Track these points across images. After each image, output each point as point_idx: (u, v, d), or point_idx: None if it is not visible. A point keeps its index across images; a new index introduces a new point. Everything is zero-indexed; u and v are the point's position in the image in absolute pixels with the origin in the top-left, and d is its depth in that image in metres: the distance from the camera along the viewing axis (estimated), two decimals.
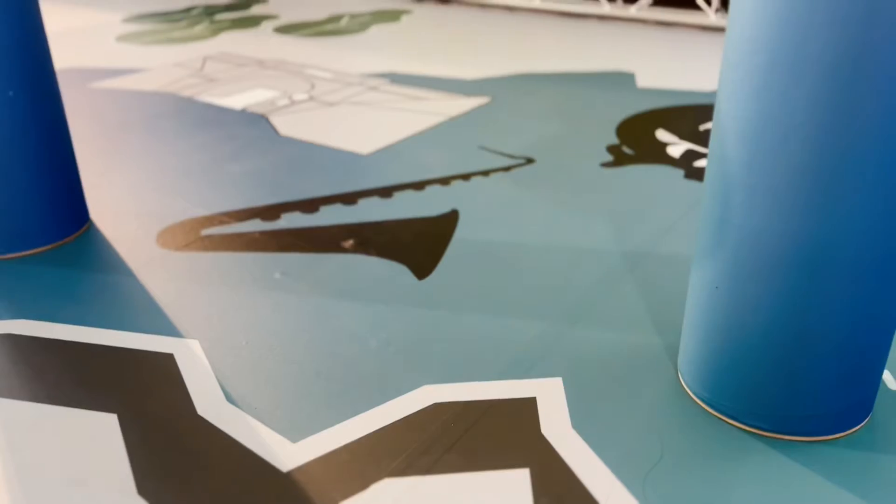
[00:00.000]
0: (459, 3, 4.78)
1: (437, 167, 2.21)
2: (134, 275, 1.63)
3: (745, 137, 1.07)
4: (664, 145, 2.36)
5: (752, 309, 1.13)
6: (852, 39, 0.96)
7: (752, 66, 1.04)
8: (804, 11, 0.97)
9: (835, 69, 0.98)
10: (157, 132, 2.53)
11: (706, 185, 1.17)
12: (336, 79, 3.16)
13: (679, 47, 3.65)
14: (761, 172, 1.06)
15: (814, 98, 1.00)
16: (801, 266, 1.08)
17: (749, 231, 1.10)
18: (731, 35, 1.08)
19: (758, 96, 1.05)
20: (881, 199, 1.04)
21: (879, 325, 1.14)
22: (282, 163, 2.25)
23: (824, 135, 1.01)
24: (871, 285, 1.10)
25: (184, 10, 4.71)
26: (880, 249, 1.08)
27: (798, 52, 0.99)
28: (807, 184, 1.03)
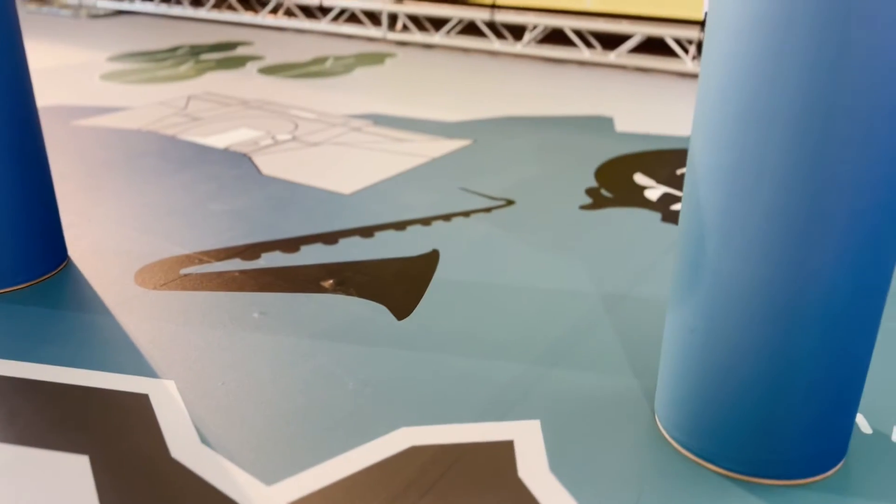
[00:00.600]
0: (442, 47, 4.87)
1: (419, 207, 2.23)
2: (110, 313, 1.62)
3: (718, 183, 1.10)
4: (642, 189, 2.40)
5: (727, 353, 1.14)
6: (821, 89, 0.99)
7: (724, 115, 1.07)
8: (773, 61, 1.00)
9: (804, 118, 1.00)
10: (138, 170, 2.54)
11: (681, 230, 1.20)
12: (319, 119, 3.19)
13: (657, 93, 3.73)
14: (734, 217, 1.09)
15: (784, 146, 1.03)
16: (775, 310, 1.10)
17: (723, 275, 1.12)
18: (704, 84, 1.11)
19: (729, 144, 1.07)
20: (851, 243, 1.06)
21: (852, 368, 1.15)
22: (263, 202, 2.26)
23: (795, 181, 1.04)
24: (843, 329, 1.11)
25: (169, 50, 4.75)
26: (851, 293, 1.10)
27: (768, 101, 1.02)
28: (779, 229, 1.06)
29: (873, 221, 1.07)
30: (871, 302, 1.12)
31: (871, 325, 1.14)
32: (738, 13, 1.01)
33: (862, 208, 1.05)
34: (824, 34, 0.96)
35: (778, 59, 0.99)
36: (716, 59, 1.07)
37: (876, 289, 1.12)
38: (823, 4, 0.94)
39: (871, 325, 1.14)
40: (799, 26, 0.96)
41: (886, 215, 1.07)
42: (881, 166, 1.03)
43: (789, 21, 0.97)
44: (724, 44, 1.05)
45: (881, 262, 1.11)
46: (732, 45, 1.03)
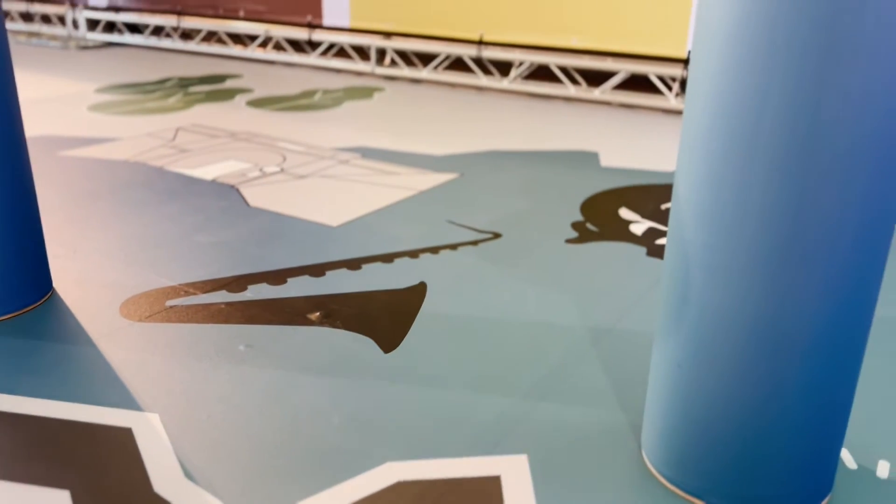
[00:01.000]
0: (430, 82, 4.92)
1: (407, 240, 2.24)
2: (95, 345, 1.61)
3: (702, 219, 1.12)
4: (627, 223, 2.43)
5: (713, 388, 1.15)
6: (801, 128, 1.01)
7: (707, 153, 1.09)
8: (756, 101, 1.03)
9: (785, 156, 1.03)
10: (125, 201, 2.53)
11: (666, 265, 1.21)
12: (308, 152, 3.21)
13: (641, 128, 3.78)
14: (718, 254, 1.10)
15: (766, 183, 1.05)
16: (760, 346, 1.11)
17: (708, 311, 1.13)
18: (687, 122, 1.13)
19: (713, 181, 1.09)
20: (834, 278, 1.08)
21: (836, 403, 1.16)
22: (250, 234, 2.26)
23: (777, 218, 1.06)
24: (827, 364, 1.12)
25: (158, 82, 4.78)
26: (835, 329, 1.11)
27: (751, 140, 1.04)
28: (763, 265, 1.07)
29: (855, 257, 1.09)
30: (854, 337, 1.14)
31: (854, 360, 1.16)
32: (721, 54, 1.04)
33: (844, 244, 1.07)
34: (804, 75, 0.98)
35: (759, 98, 1.02)
36: (699, 97, 1.09)
37: (858, 324, 1.13)
38: (803, 47, 0.97)
39: (854, 359, 1.16)
40: (780, 67, 0.99)
41: (868, 251, 1.09)
42: (862, 203, 1.05)
43: (771, 62, 1.00)
44: (708, 83, 1.07)
45: (863, 297, 1.13)
46: (715, 84, 1.06)
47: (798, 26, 0.96)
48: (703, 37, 1.08)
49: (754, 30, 0.99)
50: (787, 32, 0.97)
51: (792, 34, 0.97)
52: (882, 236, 1.10)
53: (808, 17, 0.95)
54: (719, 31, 1.04)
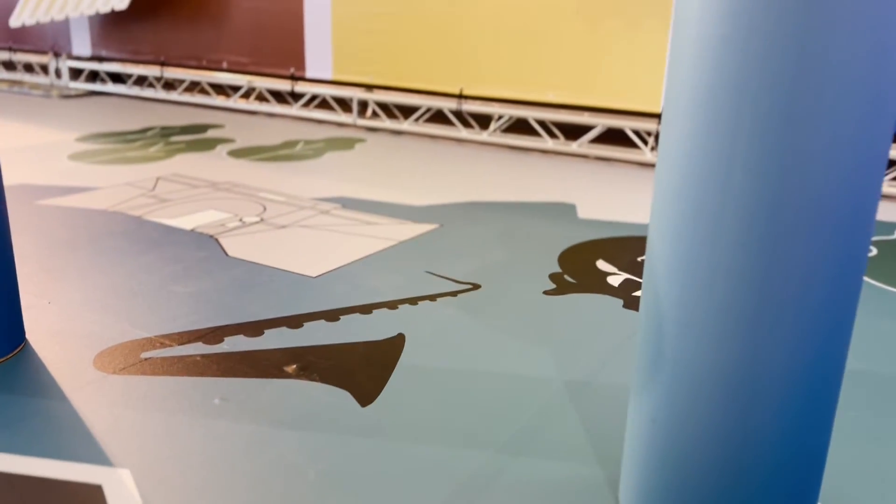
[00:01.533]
0: (411, 133, 4.99)
1: (385, 291, 2.24)
2: (67, 399, 1.58)
3: (675, 275, 1.14)
4: (604, 275, 2.45)
5: (689, 442, 1.15)
6: (769, 188, 1.04)
7: (679, 210, 1.11)
8: (723, 162, 1.06)
9: (754, 215, 1.05)
10: (103, 251, 2.52)
11: (641, 319, 1.22)
12: (288, 202, 3.22)
13: (618, 181, 3.85)
14: (691, 309, 1.12)
15: (737, 242, 1.07)
16: (734, 400, 1.12)
17: (682, 365, 1.15)
18: (659, 179, 1.16)
19: (684, 237, 1.12)
20: (805, 333, 1.10)
21: (811, 455, 1.17)
22: (228, 284, 2.25)
23: (747, 274, 1.08)
24: (802, 417, 1.14)
25: (140, 131, 4.80)
26: (807, 382, 1.12)
27: (720, 198, 1.07)
28: (734, 321, 1.09)
29: (825, 311, 1.11)
30: (826, 389, 1.15)
31: (827, 413, 1.17)
32: (690, 116, 1.08)
33: (814, 299, 1.09)
34: (769, 138, 1.02)
35: (727, 159, 1.05)
36: (670, 156, 1.13)
37: (831, 376, 1.15)
38: (768, 110, 1.01)
39: (827, 412, 1.17)
40: (746, 130, 1.02)
41: (838, 304, 1.12)
42: (829, 258, 1.08)
43: (737, 125, 1.03)
44: (677, 143, 1.10)
45: (834, 349, 1.15)
46: (685, 144, 1.09)
47: (763, 91, 1.00)
48: (672, 99, 1.11)
49: (721, 94, 1.03)
50: (752, 97, 1.01)
51: (757, 99, 1.00)
52: (850, 289, 1.12)
53: (773, 84, 0.99)
54: (688, 95, 1.08)
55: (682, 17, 1.08)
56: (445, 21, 4.53)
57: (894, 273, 2.49)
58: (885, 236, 2.93)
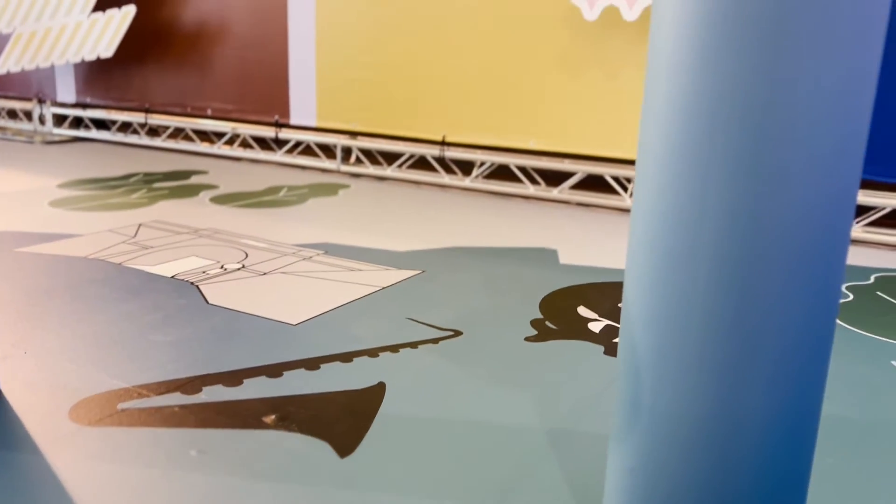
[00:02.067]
0: (395, 180, 5.03)
1: (367, 338, 2.24)
2: (41, 452, 1.55)
3: (650, 323, 1.15)
4: (586, 321, 2.46)
5: (666, 492, 1.15)
6: (740, 237, 1.06)
7: (652, 260, 1.13)
8: (695, 211, 1.08)
9: (726, 263, 1.07)
10: (81, 300, 2.50)
11: (619, 367, 1.23)
12: (270, 248, 3.22)
13: (598, 227, 3.89)
14: (667, 358, 1.13)
15: (710, 290, 1.09)
16: (710, 449, 1.13)
17: (659, 414, 1.15)
18: (633, 229, 1.18)
19: (658, 285, 1.13)
20: (780, 381, 1.11)
21: (789, 503, 1.17)
22: (208, 333, 2.24)
23: (722, 323, 1.09)
24: (778, 467, 1.14)
25: (122, 177, 4.81)
26: (783, 432, 1.13)
27: (692, 247, 1.09)
28: (710, 370, 1.10)
29: (800, 357, 1.12)
30: (803, 437, 1.16)
31: (805, 460, 1.17)
32: (662, 166, 1.10)
33: (788, 345, 1.10)
34: (739, 188, 1.04)
35: (698, 208, 1.07)
36: (643, 206, 1.15)
37: (807, 425, 1.16)
38: (736, 162, 1.04)
39: (805, 459, 1.17)
40: (715, 181, 1.05)
41: (812, 350, 1.13)
42: (802, 303, 1.10)
43: (707, 174, 1.06)
44: (650, 193, 1.13)
45: (810, 396, 1.16)
46: (657, 195, 1.11)
47: (731, 144, 1.03)
48: (644, 151, 1.14)
49: (690, 147, 1.06)
50: (721, 150, 1.03)
51: (725, 152, 1.03)
52: (824, 334, 1.14)
53: (741, 137, 1.02)
54: (659, 147, 1.10)
55: (653, 71, 1.11)
56: (428, 69, 4.61)
57: (870, 318, 2.53)
58: (862, 281, 2.98)
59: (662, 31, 1.07)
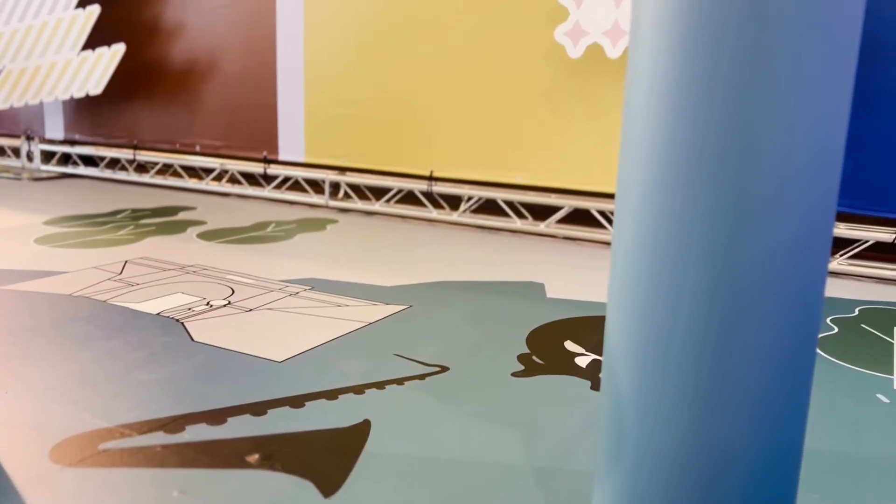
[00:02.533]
0: (383, 214, 5.05)
1: (353, 375, 2.22)
2: (19, 494, 1.53)
3: (633, 360, 1.15)
4: (572, 355, 2.46)
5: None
6: (720, 271, 1.07)
7: (634, 294, 1.14)
8: (673, 248, 1.09)
9: (705, 299, 1.08)
10: (65, 338, 2.48)
11: (602, 404, 1.23)
12: (257, 284, 3.22)
13: (584, 261, 3.91)
14: (650, 394, 1.13)
15: (689, 325, 1.10)
16: (695, 485, 1.12)
17: (643, 451, 1.15)
18: (614, 264, 1.19)
19: (640, 321, 1.14)
20: (762, 418, 1.11)
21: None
22: (192, 371, 2.22)
23: (702, 359, 1.10)
24: (762, 502, 1.14)
25: (110, 214, 4.80)
26: (766, 470, 1.13)
27: (674, 282, 1.10)
28: (691, 405, 1.10)
29: (782, 393, 1.13)
30: (787, 472, 1.16)
31: (789, 498, 1.17)
32: (641, 207, 1.12)
33: (769, 381, 1.11)
34: (718, 222, 1.06)
35: (677, 245, 1.09)
36: (623, 246, 1.16)
37: (790, 461, 1.16)
38: (715, 206, 1.05)
39: (789, 497, 1.17)
40: (695, 222, 1.06)
41: (794, 385, 1.14)
42: (784, 338, 1.10)
43: (686, 216, 1.07)
44: (630, 233, 1.14)
45: (793, 432, 1.16)
46: (637, 234, 1.13)
47: (708, 182, 1.04)
48: (623, 194, 1.16)
49: (668, 182, 1.08)
50: (698, 186, 1.05)
51: (703, 188, 1.05)
52: (804, 367, 1.15)
53: (717, 175, 1.04)
54: (638, 183, 1.12)
55: (629, 113, 1.13)
56: (415, 106, 4.66)
57: (855, 351, 2.54)
58: (847, 314, 3.00)
59: (638, 74, 1.09)
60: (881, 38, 3.30)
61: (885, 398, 2.15)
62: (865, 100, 3.38)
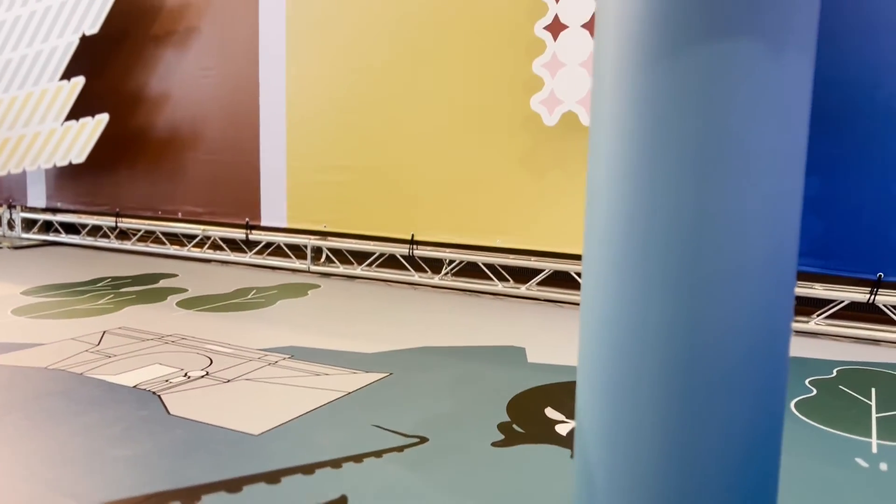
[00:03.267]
0: (365, 279, 5.06)
1: (330, 448, 2.20)
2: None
3: (602, 440, 1.16)
4: (553, 423, 2.45)
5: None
6: (683, 345, 1.09)
7: (601, 367, 1.15)
8: (639, 319, 1.11)
9: (671, 374, 1.10)
10: (39, 413, 2.44)
11: (573, 484, 1.23)
12: (236, 353, 3.19)
13: (566, 324, 3.92)
14: (618, 474, 1.13)
15: (655, 400, 1.11)
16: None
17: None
18: (583, 337, 1.21)
19: (608, 395, 1.15)
20: (731, 487, 1.12)
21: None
22: (168, 446, 2.19)
23: (669, 432, 1.11)
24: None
25: (90, 282, 4.78)
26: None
27: (639, 356, 1.11)
28: (660, 487, 1.10)
29: (751, 465, 1.13)
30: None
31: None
32: (606, 279, 1.14)
33: (736, 454, 1.12)
34: (678, 297, 1.08)
35: (641, 317, 1.10)
36: (589, 312, 1.18)
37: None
38: (677, 277, 1.08)
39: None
40: (657, 298, 1.08)
41: (764, 456, 1.14)
42: (750, 412, 1.12)
43: (647, 293, 1.09)
44: (594, 308, 1.16)
45: (764, 488, 1.16)
46: (602, 310, 1.14)
47: (664, 265, 1.07)
48: (589, 271, 1.18)
49: (629, 268, 1.10)
50: (656, 270, 1.08)
51: (662, 273, 1.07)
52: (771, 445, 1.15)
53: (673, 258, 1.07)
54: (601, 264, 1.14)
55: (591, 193, 1.16)
56: (396, 171, 4.73)
57: (834, 414, 2.55)
58: (825, 375, 3.01)
59: (598, 157, 1.13)
60: (851, 101, 3.41)
61: (864, 463, 2.15)
62: (834, 162, 3.48)
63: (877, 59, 3.33)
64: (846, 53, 3.37)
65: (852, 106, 3.41)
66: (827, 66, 3.34)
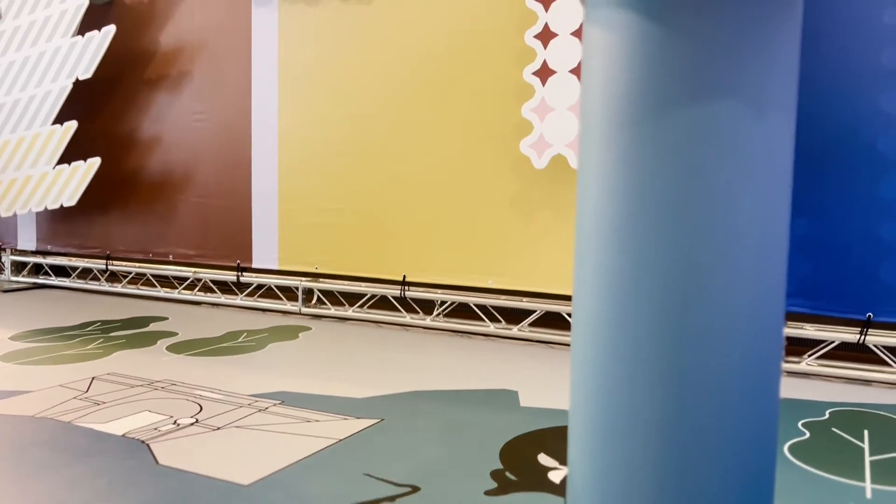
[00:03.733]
0: (356, 320, 5.05)
1: (320, 499, 2.17)
2: None
3: (594, 488, 1.15)
4: (546, 470, 2.43)
5: None
6: (673, 399, 1.09)
7: (593, 423, 1.15)
8: (629, 373, 1.11)
9: (663, 431, 1.09)
10: (23, 466, 2.40)
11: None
12: (225, 400, 3.16)
13: (558, 365, 3.91)
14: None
15: (649, 456, 1.10)
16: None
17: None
18: (574, 389, 1.20)
19: (600, 456, 1.14)
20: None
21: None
22: (155, 498, 2.15)
23: (662, 485, 1.10)
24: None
25: (79, 326, 4.74)
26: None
27: (630, 411, 1.11)
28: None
29: (741, 496, 1.13)
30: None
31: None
32: (595, 337, 1.14)
33: (727, 485, 1.11)
34: (666, 351, 1.08)
35: (630, 369, 1.11)
36: (579, 366, 1.18)
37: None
38: (662, 327, 1.08)
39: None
40: (645, 339, 1.09)
41: (754, 489, 1.14)
42: (739, 451, 1.11)
43: (637, 345, 1.10)
44: (585, 362, 1.16)
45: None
46: (592, 362, 1.15)
47: (648, 319, 1.08)
48: (579, 307, 1.19)
49: (619, 308, 1.11)
50: (644, 324, 1.08)
51: (649, 326, 1.08)
52: (765, 483, 1.15)
53: (660, 311, 1.07)
54: (590, 317, 1.15)
55: (580, 248, 1.17)
56: (388, 214, 4.75)
57: (827, 457, 2.54)
58: (817, 417, 3.01)
59: (585, 211, 1.15)
60: (838, 141, 3.46)
61: None
62: (822, 203, 3.52)
63: (859, 102, 3.39)
64: (829, 97, 3.43)
65: (838, 147, 3.46)
66: (812, 107, 3.40)
